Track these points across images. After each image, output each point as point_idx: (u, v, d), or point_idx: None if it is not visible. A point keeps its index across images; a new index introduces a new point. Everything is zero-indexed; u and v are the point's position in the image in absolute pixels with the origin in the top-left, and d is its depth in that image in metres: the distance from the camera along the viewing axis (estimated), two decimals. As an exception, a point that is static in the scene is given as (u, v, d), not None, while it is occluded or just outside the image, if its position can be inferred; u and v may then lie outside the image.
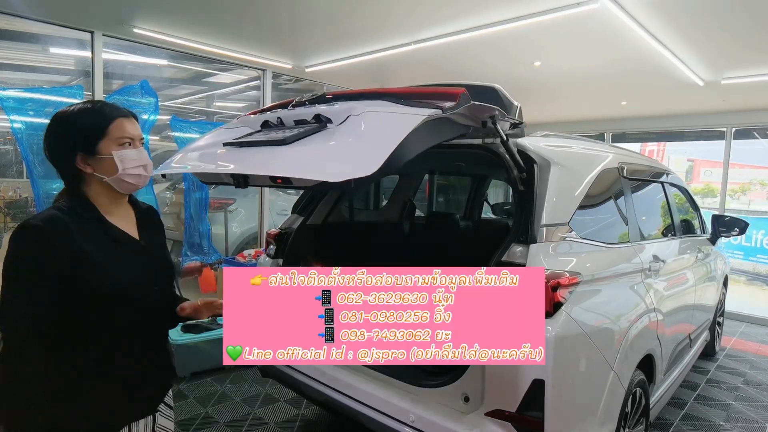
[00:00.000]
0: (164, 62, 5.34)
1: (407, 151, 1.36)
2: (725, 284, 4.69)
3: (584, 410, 1.96)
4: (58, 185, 1.46)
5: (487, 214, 5.03)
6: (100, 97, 4.26)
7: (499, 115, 1.77)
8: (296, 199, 3.25)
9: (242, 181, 1.73)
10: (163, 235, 1.60)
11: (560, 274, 1.85)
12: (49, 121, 1.37)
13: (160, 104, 4.45)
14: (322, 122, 1.58)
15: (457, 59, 4.82)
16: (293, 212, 3.14)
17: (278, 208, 6.14)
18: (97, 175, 1.35)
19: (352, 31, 4.23)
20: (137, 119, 1.45)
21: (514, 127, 2.04)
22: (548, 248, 1.91)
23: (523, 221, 1.95)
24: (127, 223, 1.45)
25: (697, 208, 4.29)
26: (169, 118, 4.97)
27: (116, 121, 1.36)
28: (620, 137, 7.89)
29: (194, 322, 4.09)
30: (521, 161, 1.97)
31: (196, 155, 1.83)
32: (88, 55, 4.32)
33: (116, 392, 1.37)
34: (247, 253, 5.11)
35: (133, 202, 1.51)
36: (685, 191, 4.10)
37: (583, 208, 2.18)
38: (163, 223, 1.63)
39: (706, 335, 4.14)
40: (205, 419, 3.19)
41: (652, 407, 2.62)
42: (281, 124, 1.75)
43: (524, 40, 4.14)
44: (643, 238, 2.76)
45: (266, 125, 1.80)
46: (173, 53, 5.00)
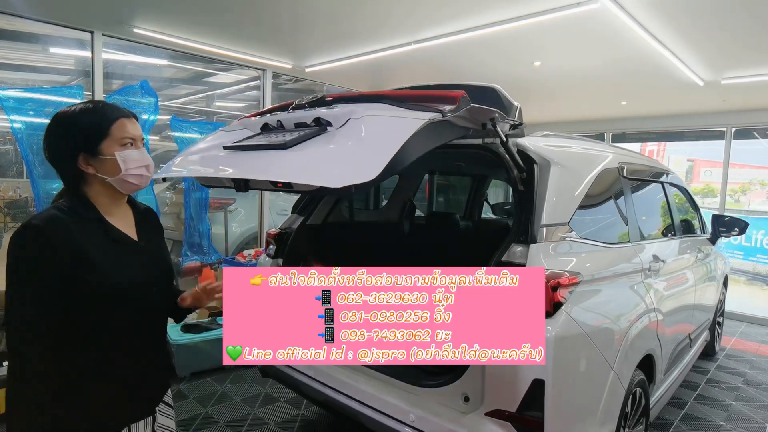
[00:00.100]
0: (164, 62, 5.34)
1: (407, 155, 1.36)
2: (725, 284, 4.69)
3: (584, 410, 1.96)
4: (57, 185, 1.45)
5: (487, 214, 5.03)
6: (100, 97, 4.26)
7: (498, 117, 1.77)
8: (296, 199, 3.25)
9: (243, 185, 1.73)
10: (161, 235, 1.60)
11: (560, 274, 1.85)
12: (49, 121, 1.36)
13: (160, 104, 4.46)
14: (322, 125, 1.58)
15: (457, 59, 4.82)
16: (293, 212, 3.14)
17: (278, 208, 6.13)
18: (99, 175, 1.35)
19: (352, 31, 4.23)
20: (137, 119, 1.45)
21: (514, 127, 2.04)
22: (548, 248, 1.91)
23: (523, 221, 1.95)
24: (126, 223, 1.45)
25: (697, 208, 4.29)
26: (169, 118, 4.97)
27: (118, 121, 1.36)
28: (620, 137, 7.88)
29: (194, 321, 4.09)
30: (521, 161, 1.97)
31: (196, 158, 1.83)
32: (88, 55, 4.32)
33: (116, 392, 1.37)
34: (247, 253, 5.10)
35: (131, 202, 1.51)
36: (685, 191, 4.10)
37: (583, 208, 2.19)
38: (161, 224, 1.63)
39: (706, 335, 4.15)
40: (205, 419, 3.19)
41: (652, 407, 2.62)
42: (281, 127, 1.75)
43: (524, 40, 4.14)
44: (643, 238, 2.76)
45: (266, 128, 1.80)
46: (173, 53, 5.00)
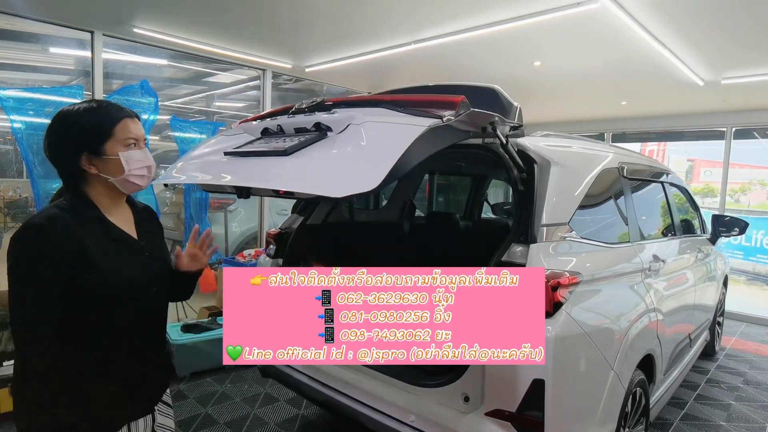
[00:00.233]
0: (164, 62, 5.34)
1: (408, 162, 1.35)
2: (725, 284, 4.69)
3: (584, 410, 1.96)
4: (57, 185, 1.45)
5: (487, 214, 5.03)
6: (99, 97, 4.26)
7: (498, 121, 1.76)
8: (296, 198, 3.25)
9: (245, 191, 1.73)
10: (161, 234, 1.60)
11: (560, 274, 1.85)
12: (50, 120, 1.36)
13: (160, 104, 4.45)
14: (322, 131, 1.58)
15: (457, 59, 4.82)
16: (293, 212, 3.14)
17: (278, 207, 6.13)
18: (102, 175, 1.35)
19: (352, 31, 4.23)
20: (140, 119, 1.45)
21: (514, 129, 2.04)
22: (548, 248, 1.91)
23: (523, 221, 1.95)
24: (126, 222, 1.45)
25: (697, 207, 4.29)
26: (169, 118, 4.97)
27: (122, 121, 1.36)
28: (620, 137, 7.88)
29: (194, 321, 4.09)
30: (521, 162, 1.97)
31: (198, 164, 1.82)
32: (88, 55, 4.32)
33: (116, 392, 1.37)
34: (247, 253, 5.10)
35: (130, 201, 1.51)
36: (685, 191, 4.10)
37: (583, 207, 2.18)
38: (161, 222, 1.63)
39: (706, 335, 4.15)
40: (205, 419, 3.19)
41: (652, 407, 2.62)
42: (281, 131, 1.75)
43: (524, 40, 4.14)
44: (643, 237, 2.76)
45: (266, 132, 1.80)
46: (173, 53, 5.00)
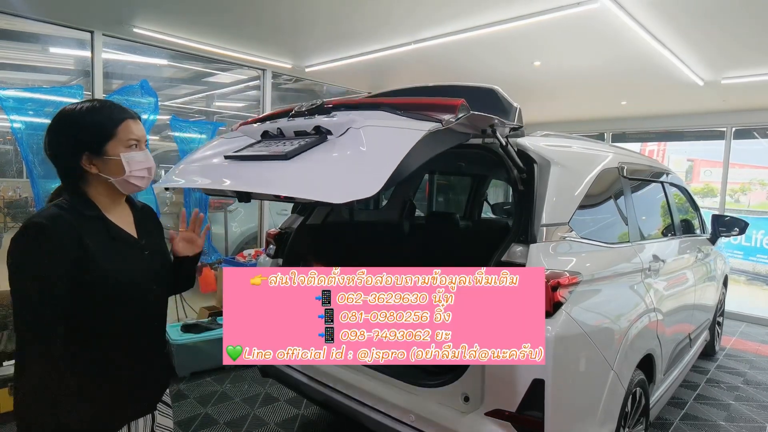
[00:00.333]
0: (164, 62, 5.34)
1: (408, 167, 1.35)
2: (725, 284, 4.69)
3: (584, 410, 1.96)
4: (57, 185, 1.45)
5: (487, 214, 5.03)
6: (99, 96, 4.26)
7: (498, 123, 1.76)
8: (296, 199, 3.25)
9: (246, 195, 1.73)
10: (161, 233, 1.59)
11: (560, 273, 1.85)
12: (51, 119, 1.35)
13: (159, 104, 4.45)
14: (322, 134, 1.58)
15: (457, 59, 4.82)
16: (293, 212, 3.14)
17: (278, 207, 6.13)
18: (102, 175, 1.34)
19: (352, 31, 4.23)
20: (140, 120, 1.45)
21: (514, 130, 2.04)
22: (548, 248, 1.91)
23: (523, 221, 1.95)
24: (126, 221, 1.45)
25: (697, 207, 4.29)
26: (168, 117, 4.97)
27: (124, 122, 1.36)
28: (620, 137, 7.88)
29: (194, 321, 4.09)
30: (521, 163, 1.97)
31: (198, 168, 1.82)
32: (88, 54, 4.32)
33: (116, 392, 1.37)
34: (247, 253, 5.10)
35: (129, 200, 1.51)
36: (685, 191, 4.10)
37: (583, 207, 2.18)
38: (160, 221, 1.63)
39: (705, 335, 4.15)
40: (205, 419, 3.19)
41: (652, 407, 2.62)
42: (281, 134, 1.75)
43: (524, 40, 4.14)
44: (643, 237, 2.76)
45: (266, 135, 1.80)
46: (173, 53, 5.00)
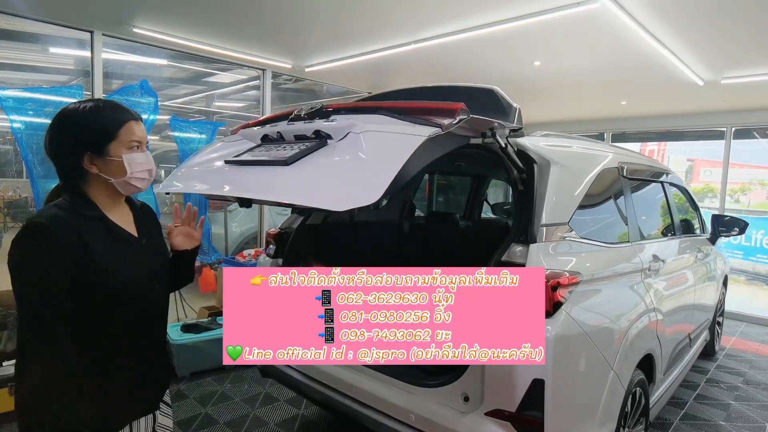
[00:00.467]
0: (164, 62, 5.33)
1: (408, 172, 1.34)
2: (725, 284, 4.69)
3: (584, 410, 1.96)
4: (56, 184, 1.44)
5: (487, 214, 5.03)
6: (99, 96, 4.26)
7: (498, 126, 1.76)
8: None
9: (247, 200, 1.73)
10: (160, 232, 1.59)
11: (560, 273, 1.85)
12: (51, 119, 1.35)
13: (159, 104, 4.45)
14: (322, 138, 1.58)
15: (457, 59, 4.82)
16: (293, 212, 3.14)
17: (278, 207, 6.12)
18: (103, 176, 1.34)
19: (352, 31, 4.23)
20: (141, 120, 1.45)
21: (513, 131, 2.04)
22: (548, 248, 1.91)
23: (522, 221, 1.95)
24: (125, 221, 1.45)
25: (696, 207, 4.29)
26: (168, 117, 4.97)
27: (127, 124, 1.36)
28: (620, 137, 7.88)
29: (194, 321, 4.09)
30: (520, 163, 1.97)
31: (198, 173, 1.82)
32: (87, 54, 4.32)
33: (117, 392, 1.37)
34: (246, 252, 5.10)
35: (128, 199, 1.51)
36: (684, 191, 4.10)
37: (583, 207, 2.18)
38: (159, 221, 1.63)
39: (705, 335, 4.15)
40: (205, 419, 3.19)
41: (652, 407, 2.62)
42: (281, 138, 1.75)
43: (524, 39, 4.14)
44: (642, 237, 2.76)
45: (266, 139, 1.80)
46: (173, 53, 4.99)
